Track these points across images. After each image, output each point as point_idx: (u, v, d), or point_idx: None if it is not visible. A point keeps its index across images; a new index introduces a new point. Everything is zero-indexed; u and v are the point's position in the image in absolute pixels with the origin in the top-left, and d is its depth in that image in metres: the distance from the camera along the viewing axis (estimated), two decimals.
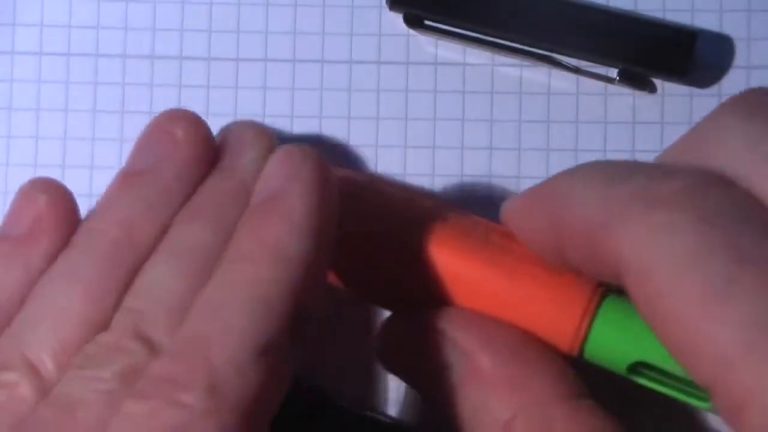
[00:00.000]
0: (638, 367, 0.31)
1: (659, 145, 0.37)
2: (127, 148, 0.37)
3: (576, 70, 0.37)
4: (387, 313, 0.34)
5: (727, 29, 0.37)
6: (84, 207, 0.36)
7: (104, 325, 0.30)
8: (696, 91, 0.37)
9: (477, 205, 0.37)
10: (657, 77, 0.37)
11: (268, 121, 0.37)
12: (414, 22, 0.37)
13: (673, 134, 0.37)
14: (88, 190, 0.37)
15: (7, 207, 0.33)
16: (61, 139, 0.38)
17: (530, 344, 0.31)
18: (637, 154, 0.37)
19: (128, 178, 0.33)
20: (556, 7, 0.36)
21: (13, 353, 0.30)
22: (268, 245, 0.30)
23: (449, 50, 0.38)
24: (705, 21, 0.37)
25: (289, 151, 0.32)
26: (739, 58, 0.37)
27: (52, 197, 0.33)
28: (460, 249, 0.32)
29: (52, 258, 0.32)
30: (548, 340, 0.31)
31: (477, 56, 0.38)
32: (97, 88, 0.38)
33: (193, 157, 0.33)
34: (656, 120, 0.37)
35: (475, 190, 0.37)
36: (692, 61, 0.36)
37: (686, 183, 0.26)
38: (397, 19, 0.37)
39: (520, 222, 0.31)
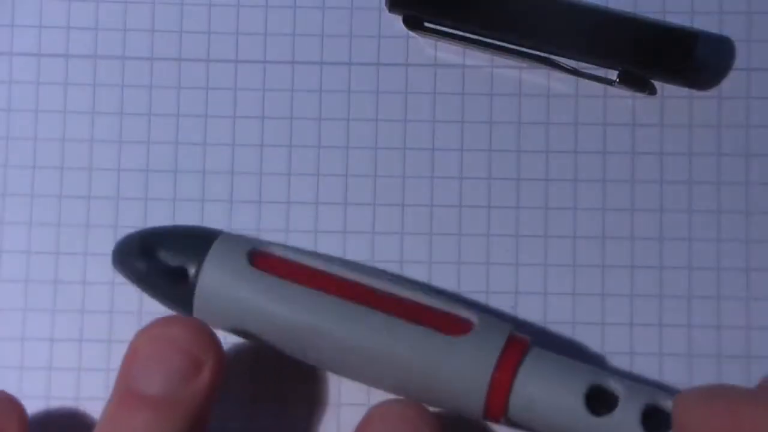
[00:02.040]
0: None
1: (659, 148, 0.37)
2: (126, 150, 0.37)
3: (575, 72, 0.37)
4: None
5: (727, 31, 0.37)
6: (82, 207, 0.36)
7: None
8: (696, 93, 0.37)
9: (476, 207, 0.37)
10: (657, 79, 0.37)
11: (267, 123, 0.37)
12: (413, 23, 0.37)
13: (673, 136, 0.37)
14: (87, 192, 0.37)
15: (6, 206, 0.32)
16: (59, 140, 0.37)
17: None
18: (636, 156, 0.37)
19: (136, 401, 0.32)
20: (555, 9, 0.36)
21: None
22: None
23: (448, 52, 0.38)
24: (705, 23, 0.37)
25: None
26: (739, 60, 0.37)
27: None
28: None
29: None
30: None
31: (476, 58, 0.38)
32: (95, 90, 0.38)
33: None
34: (656, 122, 0.37)
35: (474, 192, 0.37)
36: (692, 63, 0.36)
37: None
38: (396, 20, 0.37)
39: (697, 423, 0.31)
